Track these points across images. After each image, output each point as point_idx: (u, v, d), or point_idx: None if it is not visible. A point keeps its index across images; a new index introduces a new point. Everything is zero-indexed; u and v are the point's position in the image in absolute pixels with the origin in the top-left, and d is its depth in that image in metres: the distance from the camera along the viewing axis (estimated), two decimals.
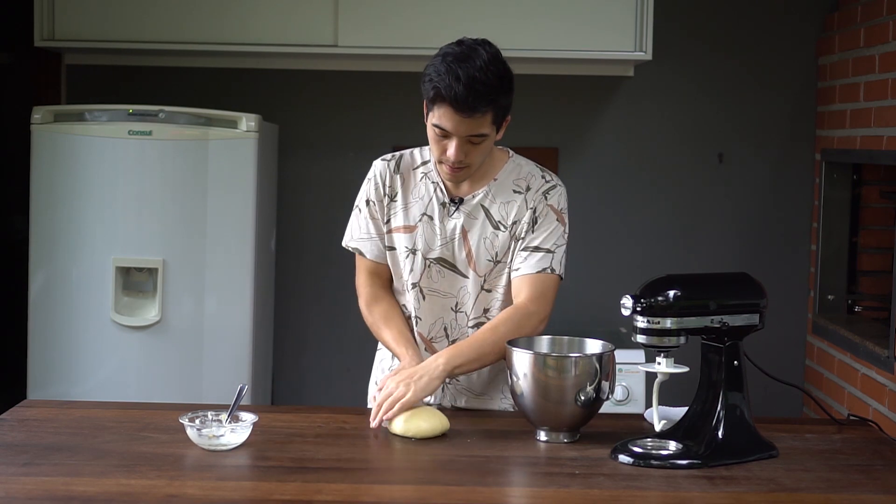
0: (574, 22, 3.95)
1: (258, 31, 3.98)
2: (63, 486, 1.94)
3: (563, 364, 2.23)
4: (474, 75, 2.29)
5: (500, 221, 2.50)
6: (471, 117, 2.32)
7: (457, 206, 2.50)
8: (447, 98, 2.30)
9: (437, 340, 2.55)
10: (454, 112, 2.31)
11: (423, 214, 2.51)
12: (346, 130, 4.35)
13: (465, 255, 2.50)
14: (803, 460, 2.17)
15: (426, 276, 2.52)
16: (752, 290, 2.25)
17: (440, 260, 2.51)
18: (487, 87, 2.31)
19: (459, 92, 2.28)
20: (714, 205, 4.37)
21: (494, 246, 2.50)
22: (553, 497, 1.95)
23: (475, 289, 2.52)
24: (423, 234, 2.51)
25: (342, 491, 1.95)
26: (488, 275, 2.51)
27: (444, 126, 2.35)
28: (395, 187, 2.53)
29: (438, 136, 2.38)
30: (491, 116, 2.35)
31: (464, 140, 2.36)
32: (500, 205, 2.50)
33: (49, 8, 3.96)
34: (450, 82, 2.29)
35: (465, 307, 2.53)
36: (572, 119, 4.36)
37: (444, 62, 2.33)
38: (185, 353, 3.80)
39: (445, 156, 2.39)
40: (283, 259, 4.34)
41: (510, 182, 2.52)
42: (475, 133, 2.35)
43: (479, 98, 2.30)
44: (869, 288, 4.13)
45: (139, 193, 3.77)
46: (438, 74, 2.32)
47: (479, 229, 2.50)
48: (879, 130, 3.68)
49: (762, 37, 4.33)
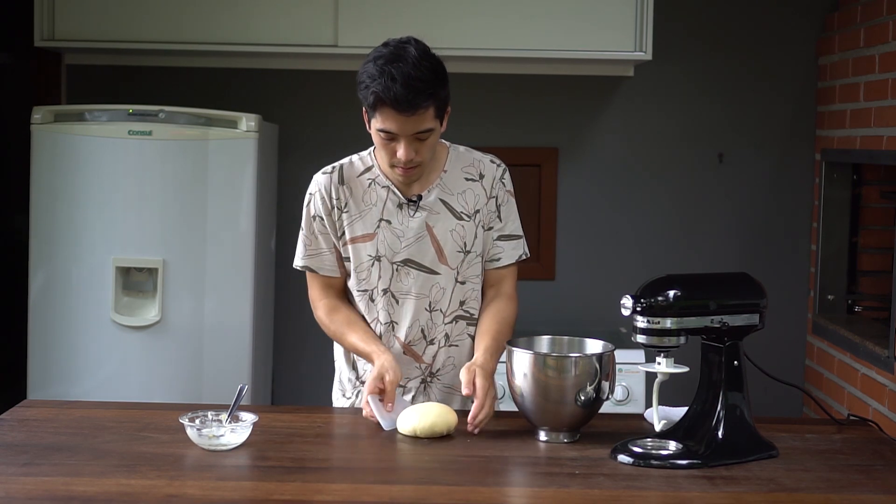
0: (574, 22, 3.95)
1: (258, 31, 3.98)
2: (63, 486, 1.94)
3: (563, 364, 2.23)
4: (409, 73, 2.31)
5: (462, 212, 2.52)
6: (413, 115, 2.33)
7: (416, 204, 2.50)
8: (387, 100, 2.31)
9: (415, 343, 2.54)
10: (397, 113, 2.33)
11: (380, 220, 2.50)
12: (346, 130, 4.34)
13: (434, 252, 2.50)
14: (803, 460, 2.17)
15: (395, 280, 2.50)
16: (752, 290, 2.25)
17: (407, 262, 2.50)
18: (424, 83, 2.32)
19: (398, 92, 2.30)
20: (714, 205, 4.37)
21: (463, 237, 2.51)
22: (553, 497, 1.95)
23: (449, 283, 2.51)
24: (384, 239, 2.50)
25: (342, 491, 1.95)
26: (460, 266, 2.52)
27: (390, 129, 2.36)
28: (344, 198, 2.52)
29: (385, 141, 2.39)
30: (433, 111, 2.37)
31: (411, 138, 2.37)
32: (457, 195, 2.52)
33: (49, 8, 3.96)
34: (387, 84, 2.31)
35: (439, 305, 2.52)
36: (572, 119, 4.36)
37: (376, 65, 2.35)
38: (185, 353, 3.80)
39: (396, 158, 2.40)
40: (283, 259, 4.34)
41: (459, 171, 2.54)
42: (421, 129, 2.37)
43: (418, 94, 2.32)
44: (869, 288, 4.13)
45: (139, 193, 3.77)
46: (373, 79, 2.33)
47: (443, 223, 2.50)
48: (879, 130, 3.68)
49: (762, 37, 4.33)
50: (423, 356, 2.54)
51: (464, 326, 2.55)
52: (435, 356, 2.54)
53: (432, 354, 2.54)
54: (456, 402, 2.54)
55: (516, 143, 4.32)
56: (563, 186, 4.36)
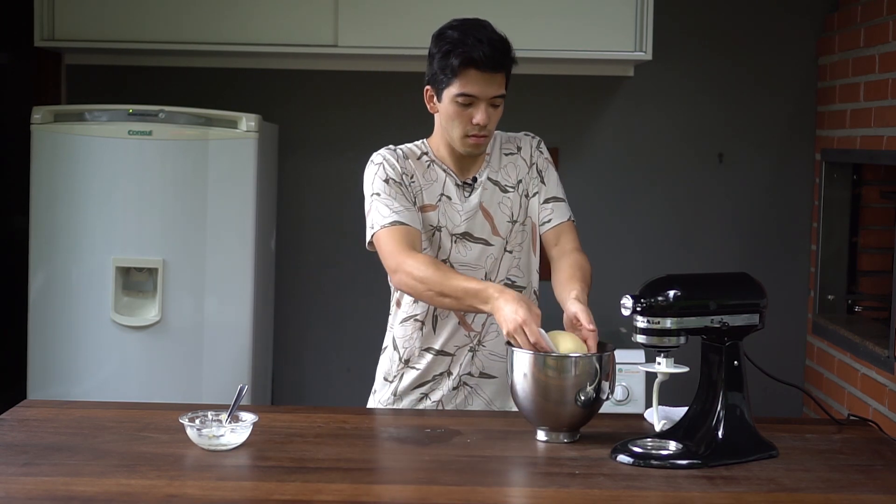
0: (574, 22, 3.95)
1: (258, 31, 3.98)
2: (63, 486, 1.94)
3: (563, 364, 2.23)
4: (492, 36, 2.45)
5: (506, 185, 2.62)
6: (496, 75, 2.44)
7: (471, 186, 2.59)
8: (475, 59, 2.41)
9: (468, 314, 2.58)
10: (481, 73, 2.43)
11: (441, 195, 2.58)
12: (346, 130, 4.35)
13: (489, 225, 2.59)
14: (803, 460, 2.17)
15: (454, 252, 2.57)
16: (752, 290, 2.25)
17: (465, 234, 2.58)
18: (505, 46, 2.47)
19: (486, 51, 2.42)
20: (714, 205, 4.37)
21: (510, 207, 2.61)
22: (553, 497, 1.95)
23: (499, 252, 2.60)
24: (445, 212, 2.57)
25: (342, 491, 1.95)
26: (509, 236, 2.60)
27: (471, 91, 2.44)
28: (410, 170, 2.58)
29: (462, 107, 2.47)
30: (505, 78, 2.49)
31: (487, 103, 2.46)
32: (501, 170, 2.62)
33: (49, 8, 3.96)
34: (473, 44, 2.42)
35: (491, 274, 2.59)
36: (572, 119, 4.36)
37: (458, 31, 2.46)
38: (185, 353, 3.80)
39: (472, 124, 2.47)
40: (283, 259, 4.34)
41: (498, 150, 2.65)
42: (498, 94, 2.47)
43: (503, 55, 2.45)
44: (869, 288, 4.13)
45: (139, 193, 3.77)
46: (458, 43, 2.43)
47: (493, 197, 2.60)
48: (879, 130, 3.68)
49: (762, 37, 4.33)
50: (472, 325, 2.59)
51: None
52: (484, 324, 2.60)
53: (481, 322, 2.59)
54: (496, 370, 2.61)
55: None
56: (563, 186, 4.34)
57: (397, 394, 2.63)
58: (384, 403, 2.65)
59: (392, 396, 2.64)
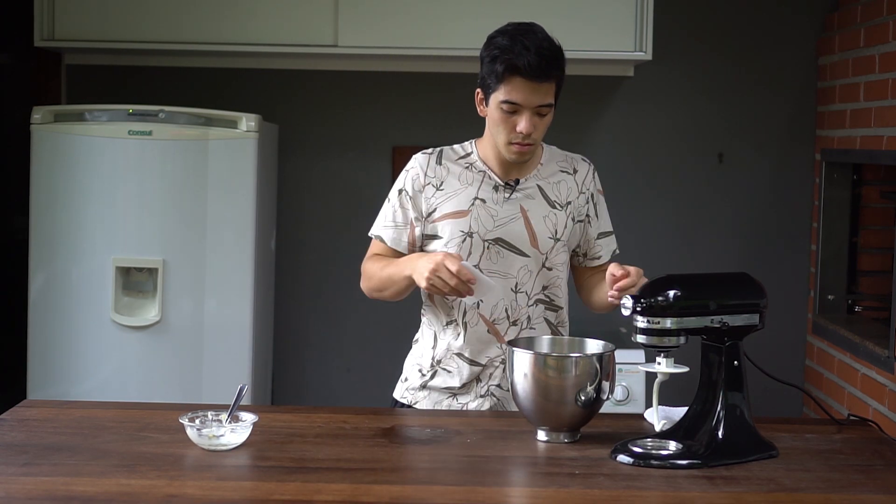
0: (574, 22, 3.95)
1: (258, 31, 3.98)
2: (63, 486, 1.94)
3: (563, 364, 2.23)
4: (541, 44, 2.43)
5: (555, 201, 2.60)
6: (542, 84, 2.42)
7: (513, 188, 2.57)
8: (520, 67, 2.40)
9: (498, 322, 2.57)
10: (526, 81, 2.41)
11: (475, 198, 2.56)
12: (346, 130, 4.35)
13: (528, 235, 2.56)
14: (803, 460, 2.17)
15: (486, 258, 2.55)
16: (752, 290, 2.25)
17: (498, 241, 2.55)
18: (553, 54, 2.44)
19: (532, 59, 2.40)
20: (714, 205, 4.37)
21: (554, 224, 2.58)
22: (553, 497, 1.95)
23: (536, 267, 2.57)
24: (477, 217, 2.55)
25: (342, 491, 1.95)
26: (549, 252, 2.58)
27: (516, 99, 2.43)
28: (441, 177, 2.58)
29: (507, 114, 2.45)
30: (555, 87, 2.46)
31: (532, 112, 2.44)
32: (552, 185, 2.61)
33: (49, 8, 3.96)
34: (521, 52, 2.40)
35: (524, 287, 2.57)
36: (572, 119, 4.35)
37: (507, 37, 2.45)
38: (185, 353, 3.80)
39: (515, 132, 2.46)
40: (283, 259, 4.34)
41: (555, 164, 2.64)
42: (543, 103, 2.45)
43: (549, 64, 2.42)
44: (869, 288, 4.13)
45: (139, 193, 3.77)
46: (504, 49, 2.42)
47: (538, 209, 2.57)
48: (879, 130, 3.68)
49: (762, 37, 4.33)
50: (505, 336, 2.57)
51: (542, 310, 2.60)
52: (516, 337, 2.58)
53: (514, 335, 2.58)
54: None
55: None
56: None
57: (428, 386, 2.62)
58: (412, 391, 2.64)
59: (422, 389, 2.63)
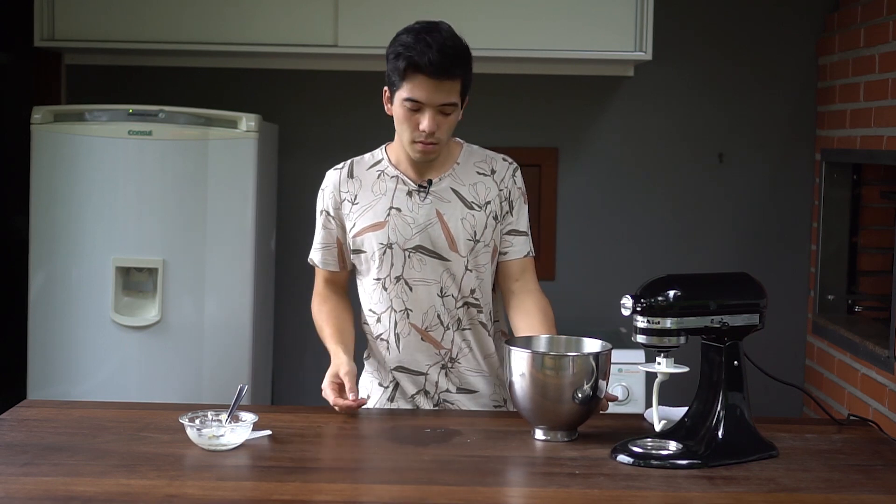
0: (574, 22, 3.95)
1: (258, 31, 3.98)
2: (63, 486, 1.94)
3: (560, 363, 2.23)
4: (444, 42, 2.41)
5: (472, 202, 2.56)
6: (443, 82, 2.40)
7: (426, 190, 2.54)
8: (421, 65, 2.38)
9: (432, 329, 2.56)
10: (428, 78, 2.39)
11: (389, 208, 2.54)
12: (346, 130, 4.35)
13: (445, 238, 2.53)
14: (803, 460, 2.17)
15: (408, 267, 2.54)
16: (752, 290, 2.25)
17: (419, 248, 2.53)
18: (457, 53, 2.42)
19: (433, 57, 2.38)
20: (714, 205, 4.37)
21: (473, 226, 2.55)
22: (553, 497, 1.95)
23: (460, 270, 2.55)
24: (395, 227, 2.53)
25: (342, 491, 1.95)
26: (470, 255, 2.55)
27: (418, 97, 2.41)
28: (353, 191, 2.58)
29: (410, 112, 2.44)
30: (459, 85, 2.44)
31: (436, 111, 2.42)
32: (469, 186, 2.57)
33: (49, 8, 3.96)
34: (422, 49, 2.39)
35: (450, 290, 2.55)
36: (572, 119, 4.36)
37: (410, 35, 2.44)
38: (185, 353, 3.80)
39: (418, 130, 2.44)
40: (283, 259, 4.34)
41: (471, 165, 2.60)
42: (446, 101, 2.42)
43: (451, 62, 2.40)
44: (869, 288, 4.13)
45: (139, 193, 3.77)
46: (407, 46, 2.41)
47: (454, 211, 2.54)
48: (879, 130, 3.68)
49: (762, 37, 4.33)
50: (442, 342, 2.56)
51: (474, 313, 2.58)
52: (452, 341, 2.57)
53: (450, 339, 2.57)
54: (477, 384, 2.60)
55: (516, 143, 4.32)
56: (563, 186, 4.36)
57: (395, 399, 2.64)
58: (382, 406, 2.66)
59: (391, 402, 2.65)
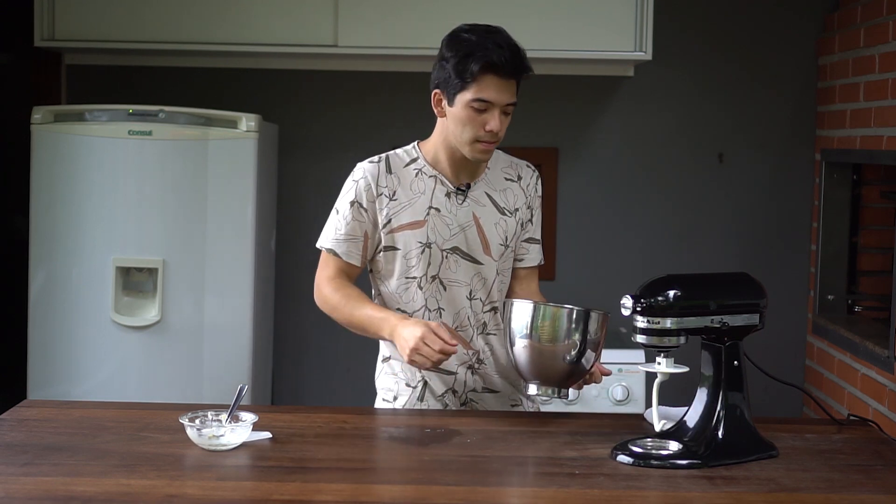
0: (574, 22, 3.95)
1: (258, 31, 3.98)
2: (63, 486, 1.94)
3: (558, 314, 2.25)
4: (511, 42, 2.44)
5: (504, 208, 2.58)
6: (511, 82, 2.42)
7: (465, 193, 2.54)
8: (497, 63, 2.38)
9: (462, 329, 2.56)
10: (499, 78, 2.40)
11: (429, 208, 2.53)
12: (346, 130, 4.35)
13: (481, 242, 2.54)
14: (803, 460, 2.17)
15: (444, 268, 2.53)
16: (752, 290, 2.25)
17: (455, 249, 2.54)
18: (523, 53, 2.45)
19: (507, 56, 2.39)
20: (714, 205, 4.37)
21: (505, 231, 2.57)
22: (553, 497, 1.95)
23: (491, 274, 2.56)
24: (434, 227, 2.52)
25: (342, 491, 1.95)
26: (500, 260, 2.57)
27: (488, 97, 2.41)
28: (392, 186, 2.54)
29: (476, 113, 2.42)
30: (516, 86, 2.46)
31: (501, 110, 2.44)
32: (500, 192, 2.58)
33: (49, 8, 3.96)
34: (495, 49, 2.39)
35: (478, 294, 2.56)
36: (572, 119, 4.36)
37: (476, 35, 2.43)
38: (185, 353, 3.80)
39: (485, 131, 2.43)
40: (283, 259, 4.34)
41: (499, 171, 2.61)
42: (512, 101, 2.44)
43: (522, 61, 2.44)
44: (869, 288, 4.13)
45: (139, 193, 3.77)
46: (478, 48, 2.40)
47: (490, 216, 2.56)
48: (879, 130, 3.68)
49: (762, 37, 4.33)
50: (472, 343, 2.57)
51: (498, 319, 2.59)
52: (478, 343, 2.57)
53: (476, 342, 2.57)
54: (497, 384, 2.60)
55: (516, 143, 4.30)
56: (563, 186, 4.36)
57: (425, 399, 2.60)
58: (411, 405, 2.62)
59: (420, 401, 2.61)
